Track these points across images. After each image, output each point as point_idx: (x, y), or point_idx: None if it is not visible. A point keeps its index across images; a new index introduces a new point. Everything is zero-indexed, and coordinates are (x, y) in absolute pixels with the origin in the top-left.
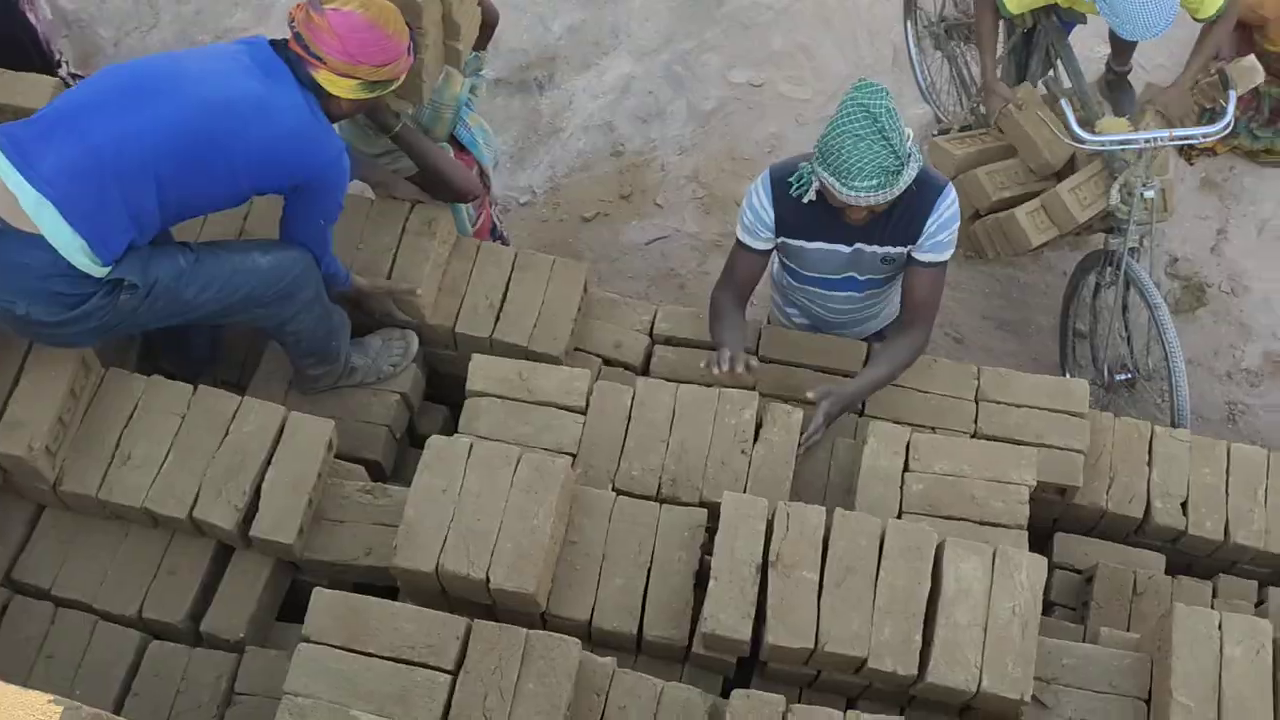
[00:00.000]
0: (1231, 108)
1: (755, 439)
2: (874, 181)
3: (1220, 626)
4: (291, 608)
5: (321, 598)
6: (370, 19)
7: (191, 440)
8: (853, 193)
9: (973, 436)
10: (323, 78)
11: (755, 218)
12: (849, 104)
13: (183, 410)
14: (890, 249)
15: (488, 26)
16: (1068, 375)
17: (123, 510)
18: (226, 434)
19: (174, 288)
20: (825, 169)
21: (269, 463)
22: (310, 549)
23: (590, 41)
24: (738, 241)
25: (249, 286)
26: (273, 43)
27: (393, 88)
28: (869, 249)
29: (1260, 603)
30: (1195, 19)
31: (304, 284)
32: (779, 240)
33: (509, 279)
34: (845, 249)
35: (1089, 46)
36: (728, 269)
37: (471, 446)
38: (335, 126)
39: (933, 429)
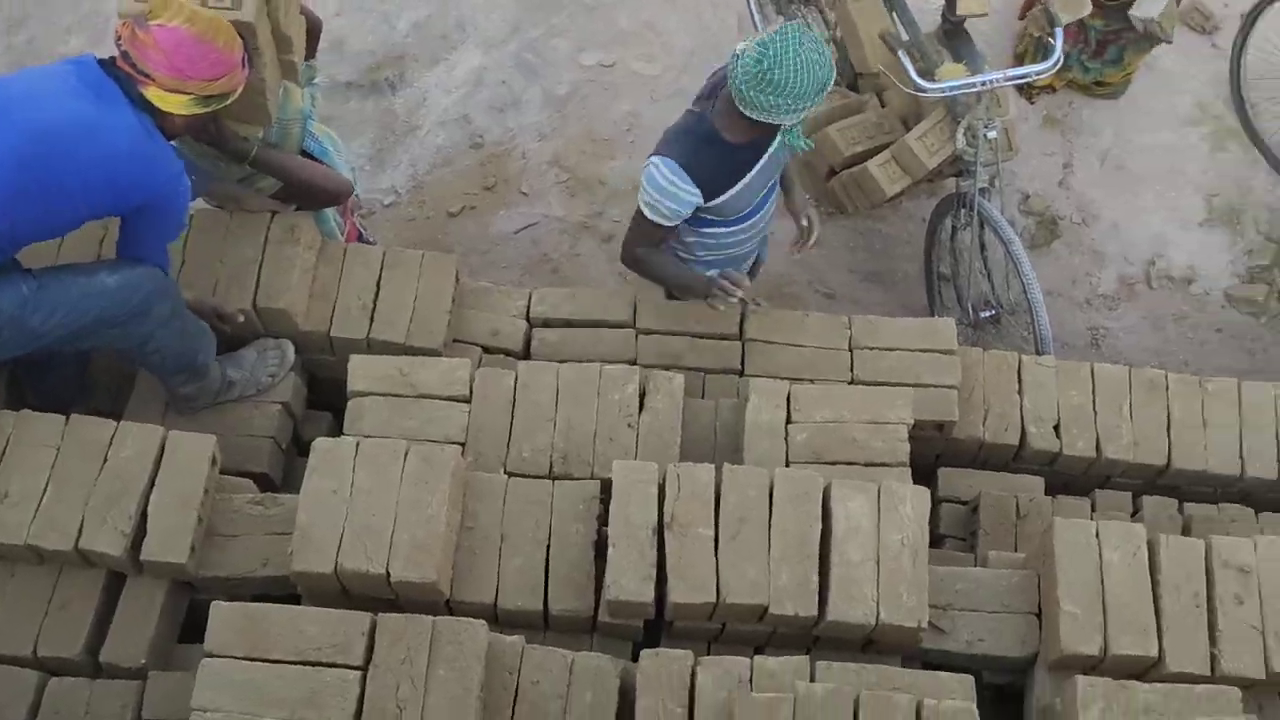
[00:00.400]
0: (1059, 43)
1: (640, 409)
2: (833, 75)
3: (1097, 535)
4: (192, 629)
5: (220, 611)
6: (197, 33)
7: (69, 471)
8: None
9: (851, 384)
10: (153, 95)
11: (681, 204)
12: (781, 54)
13: (56, 442)
14: None
15: (313, 35)
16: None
17: (5, 549)
18: (105, 461)
19: (19, 316)
20: (799, 110)
21: (152, 485)
22: (205, 566)
23: (438, 36)
24: (653, 224)
25: (99, 308)
26: (101, 62)
27: (229, 101)
28: (775, 140)
29: (1136, 511)
30: None
31: (157, 299)
32: (709, 204)
33: (379, 278)
34: (763, 161)
35: None
36: (642, 238)
37: (359, 445)
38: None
39: (812, 380)
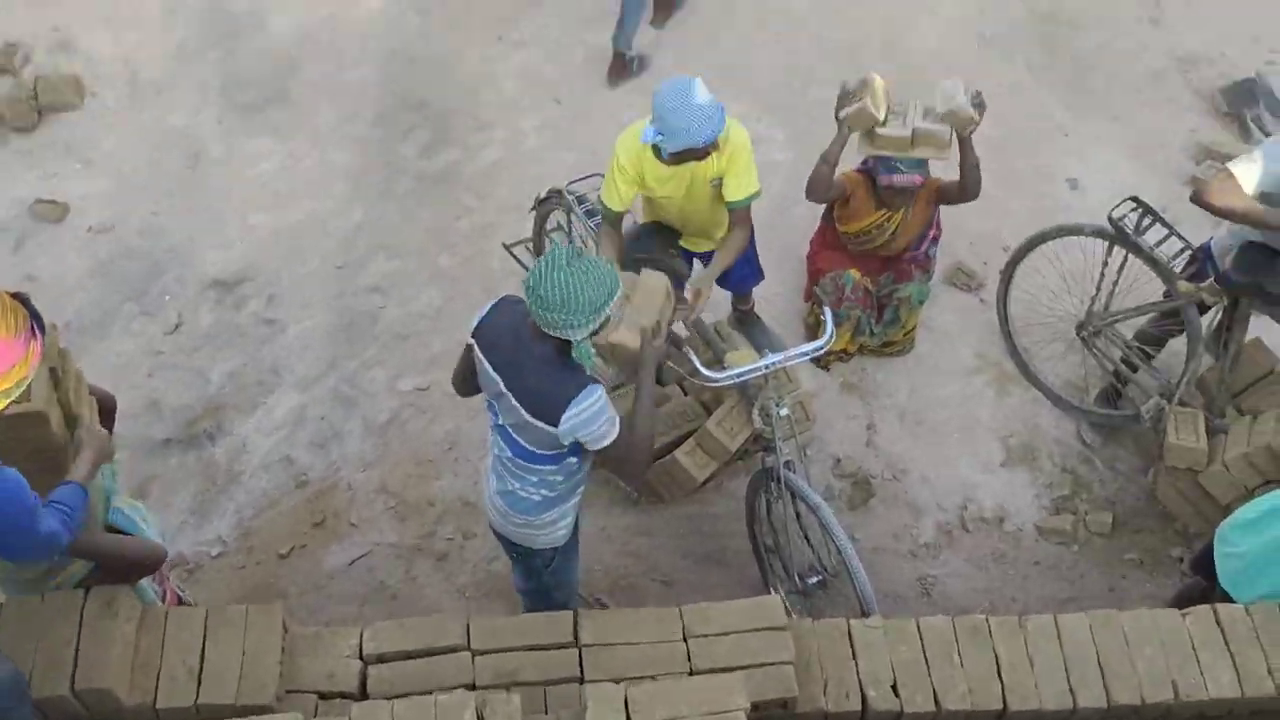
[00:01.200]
0: (830, 321)
1: None
2: (613, 288)
3: None
4: None
5: None
6: None
7: None
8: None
9: (690, 674)
10: None
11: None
12: (546, 273)
13: None
14: None
15: (106, 412)
16: (771, 590)
17: None
18: None
19: None
20: (582, 324)
21: None
22: None
23: (253, 383)
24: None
25: None
26: None
27: (24, 387)
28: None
29: None
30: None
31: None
32: None
33: (204, 639)
34: None
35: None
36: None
37: None
38: None
39: (653, 677)
